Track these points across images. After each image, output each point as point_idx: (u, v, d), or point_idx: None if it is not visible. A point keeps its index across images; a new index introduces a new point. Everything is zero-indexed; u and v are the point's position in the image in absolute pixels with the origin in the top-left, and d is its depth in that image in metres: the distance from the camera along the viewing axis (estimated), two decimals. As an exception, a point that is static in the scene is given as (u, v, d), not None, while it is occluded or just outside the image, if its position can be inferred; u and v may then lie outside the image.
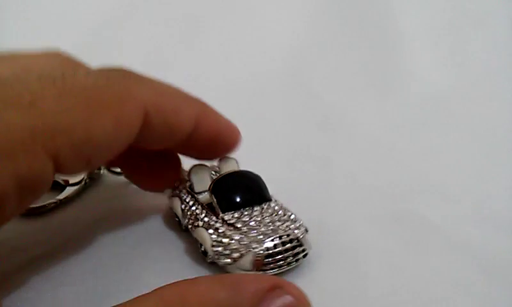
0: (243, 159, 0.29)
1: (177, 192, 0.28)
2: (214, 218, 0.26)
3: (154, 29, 0.48)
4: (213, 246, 0.24)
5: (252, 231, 0.24)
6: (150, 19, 0.49)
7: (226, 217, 0.25)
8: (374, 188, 0.32)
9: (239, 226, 0.25)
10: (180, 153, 0.28)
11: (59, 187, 0.31)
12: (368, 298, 0.24)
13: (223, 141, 0.27)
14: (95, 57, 0.40)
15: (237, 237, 0.24)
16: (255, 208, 0.26)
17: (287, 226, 0.25)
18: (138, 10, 0.49)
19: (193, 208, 0.27)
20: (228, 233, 0.25)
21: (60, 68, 0.21)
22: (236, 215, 0.26)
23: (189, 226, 0.27)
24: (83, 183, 0.32)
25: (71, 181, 0.31)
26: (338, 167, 0.35)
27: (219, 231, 0.25)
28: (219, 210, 0.26)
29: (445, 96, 0.43)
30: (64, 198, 0.31)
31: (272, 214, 0.26)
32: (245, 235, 0.24)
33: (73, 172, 0.21)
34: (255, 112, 0.41)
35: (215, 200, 0.26)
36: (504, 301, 0.24)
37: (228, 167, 0.28)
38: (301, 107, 0.42)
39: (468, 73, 0.45)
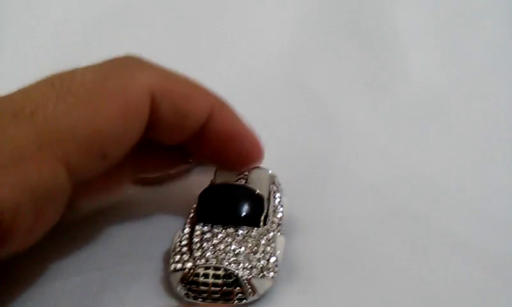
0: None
1: None
2: (190, 225, 0.25)
3: (147, 29, 0.45)
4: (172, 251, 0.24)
5: (197, 252, 0.23)
6: (143, 19, 0.46)
7: (196, 227, 0.24)
8: (370, 186, 0.32)
9: (195, 240, 0.24)
10: (196, 152, 0.27)
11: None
12: (365, 296, 0.23)
13: (241, 145, 0.25)
14: (88, 57, 0.40)
15: (184, 250, 0.23)
16: (228, 229, 0.24)
17: (236, 261, 0.23)
18: (130, 10, 0.46)
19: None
20: (183, 243, 0.24)
21: (57, 73, 0.21)
22: (206, 228, 0.24)
23: None
24: (194, 165, 0.33)
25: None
26: (334, 165, 0.34)
27: (181, 239, 0.24)
28: (195, 219, 0.25)
29: (441, 94, 0.43)
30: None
31: (238, 242, 0.23)
32: (192, 253, 0.23)
33: (93, 171, 0.21)
34: (251, 111, 0.34)
35: (197, 207, 0.25)
36: (503, 299, 0.23)
37: (256, 178, 0.27)
38: (297, 106, 0.41)
39: (463, 71, 0.44)
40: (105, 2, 0.48)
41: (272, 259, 0.23)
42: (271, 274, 0.23)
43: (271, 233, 0.24)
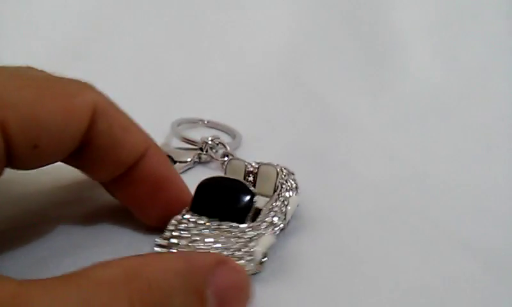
0: (241, 156, 0.30)
1: None
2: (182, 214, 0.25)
3: (148, 29, 0.45)
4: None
5: (175, 239, 0.23)
6: (144, 19, 0.46)
7: (186, 216, 0.24)
8: (371, 182, 0.32)
9: (180, 227, 0.24)
10: (123, 195, 0.26)
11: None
12: (365, 292, 0.23)
13: (171, 191, 0.25)
14: (88, 54, 0.40)
15: (167, 235, 0.24)
16: (212, 222, 0.24)
17: None
18: (129, 9, 0.46)
19: None
20: (171, 228, 0.24)
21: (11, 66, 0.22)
22: (192, 219, 0.24)
23: None
24: (192, 162, 0.34)
25: (181, 159, 0.33)
26: (334, 162, 0.35)
27: (170, 224, 0.24)
28: (189, 207, 0.25)
29: (441, 91, 0.43)
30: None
31: (215, 236, 0.23)
32: (169, 240, 0.23)
33: (20, 157, 0.21)
34: (251, 110, 0.41)
35: (192, 196, 0.25)
36: (503, 295, 0.24)
37: (264, 174, 0.28)
38: (296, 104, 0.42)
39: (462, 68, 0.45)
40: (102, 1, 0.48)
41: (247, 258, 0.22)
42: None
43: (256, 232, 0.23)
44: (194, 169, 0.34)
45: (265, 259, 0.23)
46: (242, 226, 0.24)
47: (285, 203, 0.26)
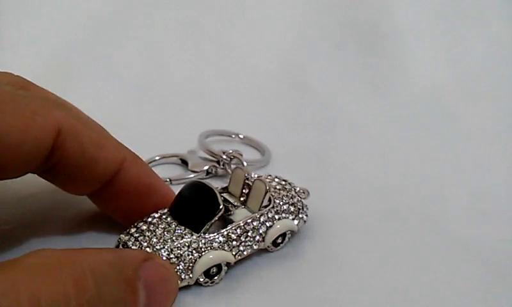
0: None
1: None
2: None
3: (149, 30, 0.45)
4: None
5: (133, 229, 0.24)
6: (145, 20, 0.46)
7: (160, 211, 0.25)
8: (372, 184, 0.32)
9: (148, 220, 0.24)
10: (106, 206, 0.26)
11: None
12: (364, 294, 0.23)
13: (155, 198, 0.25)
14: (93, 55, 0.40)
15: (134, 224, 0.24)
16: (171, 224, 0.24)
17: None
18: (134, 10, 0.43)
19: None
20: (133, 225, 0.24)
21: None
22: (162, 215, 0.24)
23: None
24: (204, 173, 0.32)
25: (194, 169, 0.33)
26: (335, 163, 0.34)
27: (137, 221, 0.25)
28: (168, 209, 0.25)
29: (442, 92, 0.42)
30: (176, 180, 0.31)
31: (161, 237, 0.23)
32: (129, 229, 0.24)
33: None
34: (252, 111, 0.40)
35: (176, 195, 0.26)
36: (502, 295, 0.23)
37: (255, 189, 0.26)
38: (298, 105, 0.42)
39: (464, 69, 0.44)
40: (109, 2, 0.47)
41: (180, 266, 0.23)
42: None
43: (207, 245, 0.23)
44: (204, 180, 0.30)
45: (217, 276, 0.23)
46: (195, 235, 0.23)
47: (268, 224, 0.25)
